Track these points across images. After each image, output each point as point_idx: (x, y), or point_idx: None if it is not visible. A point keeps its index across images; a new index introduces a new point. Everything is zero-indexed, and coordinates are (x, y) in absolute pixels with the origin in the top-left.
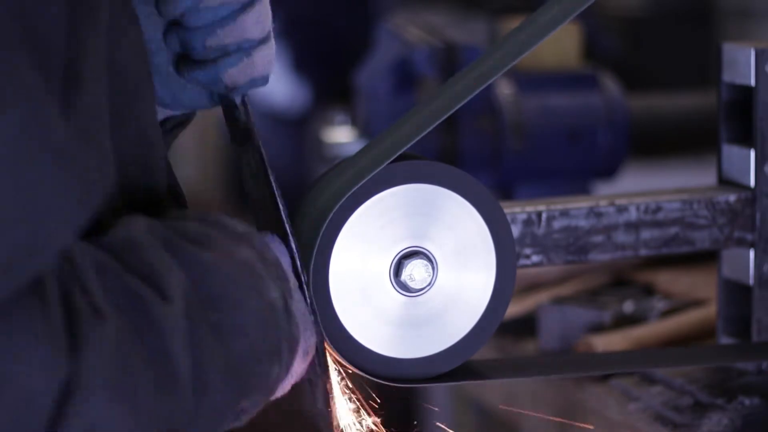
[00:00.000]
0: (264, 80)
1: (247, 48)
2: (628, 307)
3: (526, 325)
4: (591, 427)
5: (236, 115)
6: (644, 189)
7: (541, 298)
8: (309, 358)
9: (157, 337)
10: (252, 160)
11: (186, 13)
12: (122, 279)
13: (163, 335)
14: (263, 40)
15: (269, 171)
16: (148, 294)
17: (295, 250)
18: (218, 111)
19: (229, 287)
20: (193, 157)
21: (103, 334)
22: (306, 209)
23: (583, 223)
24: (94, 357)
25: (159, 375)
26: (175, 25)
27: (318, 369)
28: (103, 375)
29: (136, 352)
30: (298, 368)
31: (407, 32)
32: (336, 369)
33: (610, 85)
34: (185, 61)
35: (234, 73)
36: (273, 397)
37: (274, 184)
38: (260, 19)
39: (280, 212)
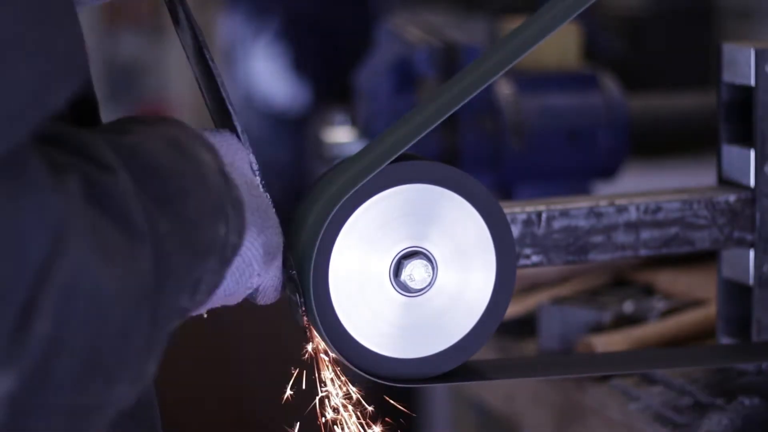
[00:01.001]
0: None
1: None
2: (628, 307)
3: (526, 325)
4: (591, 427)
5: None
6: (644, 189)
7: (541, 298)
8: (275, 260)
9: (111, 200)
10: (190, 39)
11: None
12: (69, 156)
13: (118, 198)
14: None
15: (204, 47)
16: (93, 168)
17: (239, 129)
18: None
19: (160, 158)
20: None
21: (71, 194)
22: (306, 209)
23: (583, 223)
24: (73, 200)
25: (123, 235)
26: None
27: (285, 278)
28: (81, 231)
29: (99, 214)
30: (267, 271)
31: (407, 32)
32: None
33: (610, 85)
34: None
35: None
36: (247, 290)
37: (210, 62)
38: None
39: (221, 92)
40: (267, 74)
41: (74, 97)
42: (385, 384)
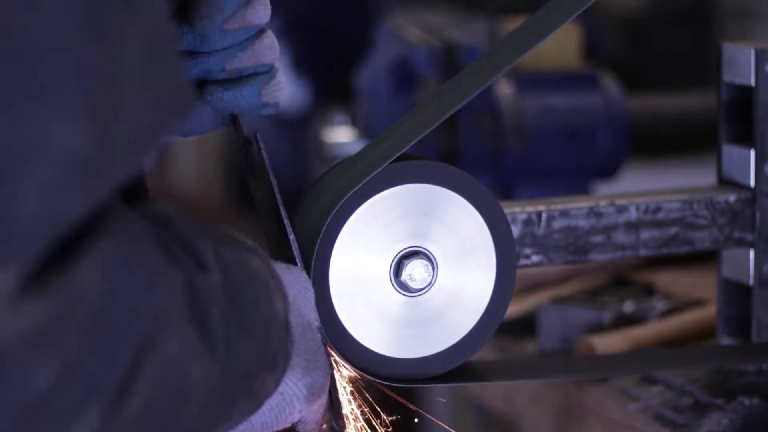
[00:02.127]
0: (276, 105)
1: (261, 72)
2: (628, 307)
3: (526, 325)
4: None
5: (251, 151)
6: (644, 189)
7: (541, 298)
8: (319, 398)
9: (201, 302)
10: (262, 193)
11: (208, 35)
12: (175, 242)
13: (204, 303)
14: (272, 66)
15: (281, 208)
16: (193, 264)
17: (311, 291)
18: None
19: (248, 285)
20: (193, 158)
21: (177, 281)
22: (306, 209)
23: (583, 223)
24: (175, 299)
25: (203, 341)
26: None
27: (332, 419)
28: (177, 321)
29: (190, 314)
30: (309, 408)
31: (407, 32)
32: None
33: (610, 85)
34: (202, 84)
35: (267, 91)
36: (287, 424)
37: (286, 222)
38: (273, 45)
39: (292, 251)
40: None
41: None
42: (386, 384)
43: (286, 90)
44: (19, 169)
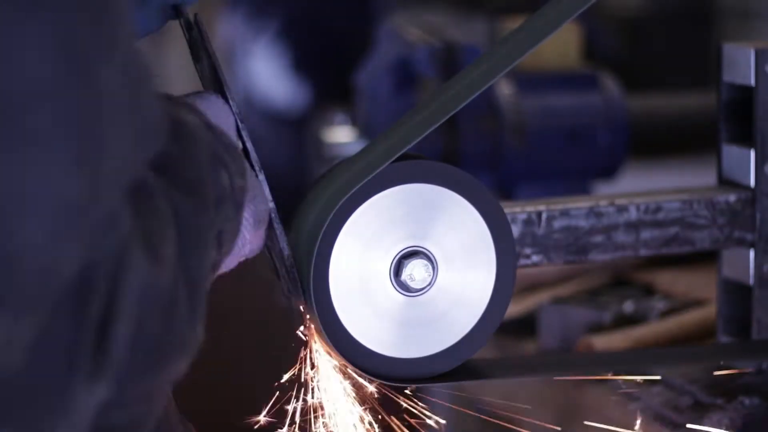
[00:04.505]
0: None
1: None
2: (628, 307)
3: (526, 325)
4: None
5: (193, 35)
6: (644, 189)
7: (541, 298)
8: (263, 226)
9: (147, 191)
10: (209, 74)
11: None
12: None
13: (150, 188)
14: None
15: (226, 87)
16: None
17: (242, 126)
18: None
19: (196, 144)
20: None
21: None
22: (306, 209)
23: (583, 223)
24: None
25: (157, 224)
26: None
27: (272, 236)
28: (137, 238)
29: (143, 210)
30: (253, 238)
31: (407, 32)
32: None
33: (610, 85)
34: None
35: None
36: (237, 257)
37: (233, 104)
38: None
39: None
40: (267, 74)
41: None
42: (386, 384)
43: None
44: (15, 219)
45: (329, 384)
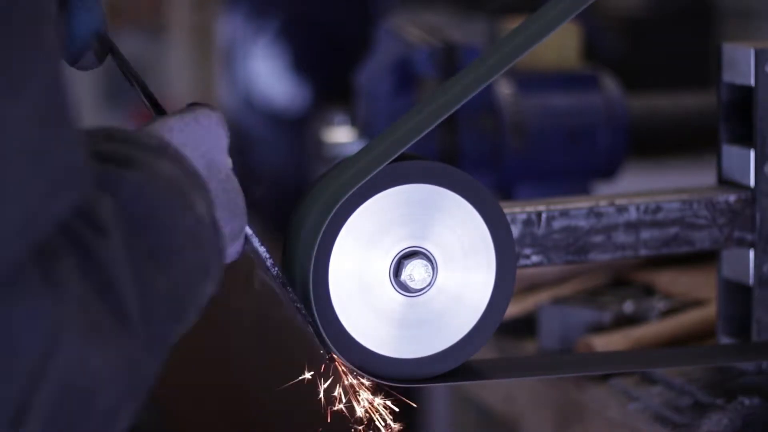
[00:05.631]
0: None
1: None
2: (628, 307)
3: (526, 325)
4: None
5: (114, 58)
6: (644, 189)
7: (541, 298)
8: (237, 239)
9: (102, 272)
10: (140, 91)
11: None
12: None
13: (107, 269)
14: None
15: (135, 80)
16: (87, 231)
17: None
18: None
19: (160, 208)
20: None
21: (64, 290)
22: (306, 209)
23: (583, 223)
24: (67, 301)
25: (112, 311)
26: None
27: (253, 255)
28: (74, 326)
29: (88, 291)
30: (229, 252)
31: (407, 32)
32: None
33: (610, 85)
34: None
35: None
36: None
37: (140, 90)
38: None
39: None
40: (267, 74)
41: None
42: (386, 384)
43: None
44: None
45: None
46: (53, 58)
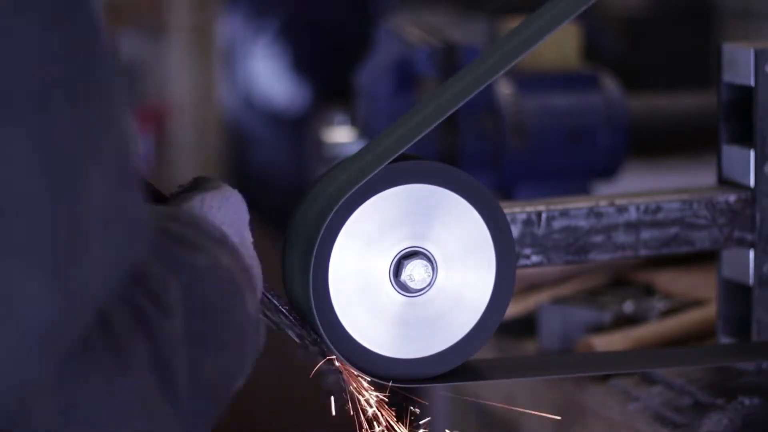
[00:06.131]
0: None
1: None
2: (628, 307)
3: (526, 325)
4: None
5: None
6: (644, 189)
7: (541, 298)
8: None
9: (161, 350)
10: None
11: None
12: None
13: (167, 348)
14: None
15: None
16: (151, 306)
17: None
18: (219, 111)
19: (219, 297)
20: (193, 156)
21: (129, 350)
22: (306, 209)
23: (583, 223)
24: (130, 375)
25: (166, 390)
26: None
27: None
28: (133, 394)
29: (147, 367)
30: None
31: (407, 32)
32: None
33: (610, 85)
34: None
35: None
36: None
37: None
38: None
39: None
40: (267, 74)
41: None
42: (386, 384)
43: None
44: None
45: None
46: (125, 121)
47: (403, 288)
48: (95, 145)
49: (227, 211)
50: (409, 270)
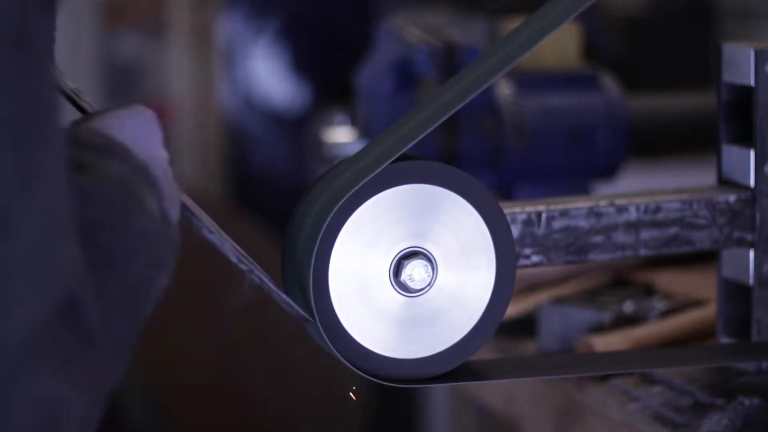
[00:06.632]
0: None
1: None
2: (628, 307)
3: (526, 325)
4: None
5: None
6: (644, 189)
7: (541, 298)
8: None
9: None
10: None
11: None
12: None
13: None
14: None
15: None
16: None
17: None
18: (219, 111)
19: (113, 211)
20: (194, 156)
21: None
22: (306, 209)
23: (583, 223)
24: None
25: (79, 335)
26: None
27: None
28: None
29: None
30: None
31: (407, 32)
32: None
33: (610, 85)
34: None
35: None
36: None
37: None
38: None
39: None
40: (267, 74)
41: None
42: (386, 384)
43: None
44: None
45: None
46: (59, 152)
47: (403, 288)
48: (27, 177)
49: (133, 129)
50: (409, 270)
